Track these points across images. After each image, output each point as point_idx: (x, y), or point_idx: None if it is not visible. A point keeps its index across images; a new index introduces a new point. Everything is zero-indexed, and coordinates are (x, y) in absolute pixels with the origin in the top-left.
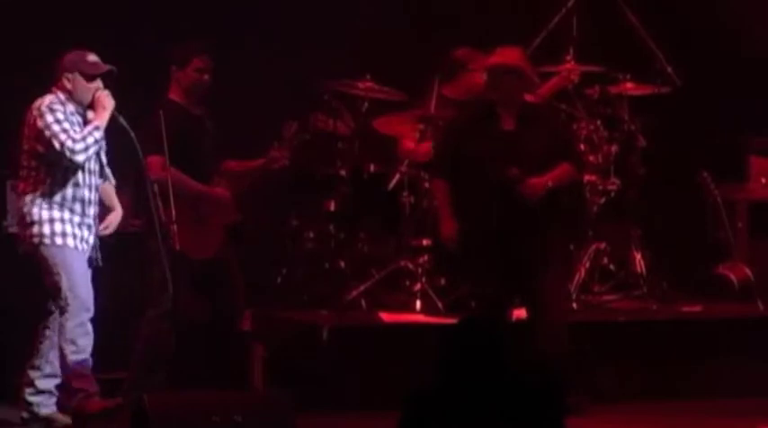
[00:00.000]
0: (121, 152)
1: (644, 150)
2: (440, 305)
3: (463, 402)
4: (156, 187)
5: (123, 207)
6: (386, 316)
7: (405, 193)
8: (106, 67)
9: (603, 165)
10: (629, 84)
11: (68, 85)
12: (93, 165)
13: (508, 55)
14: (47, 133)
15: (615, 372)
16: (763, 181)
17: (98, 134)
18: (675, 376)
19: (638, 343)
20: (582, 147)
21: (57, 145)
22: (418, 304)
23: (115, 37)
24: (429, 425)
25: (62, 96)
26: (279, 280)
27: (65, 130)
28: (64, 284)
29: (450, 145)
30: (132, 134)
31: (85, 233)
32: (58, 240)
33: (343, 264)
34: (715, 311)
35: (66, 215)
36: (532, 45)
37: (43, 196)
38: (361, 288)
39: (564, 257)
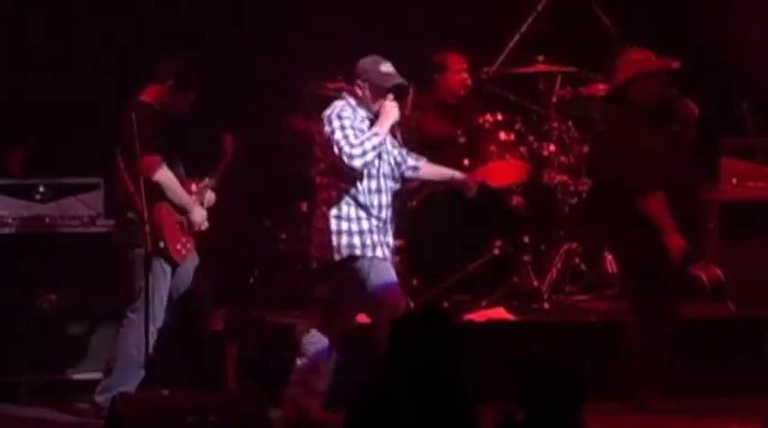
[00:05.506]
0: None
1: None
2: (412, 305)
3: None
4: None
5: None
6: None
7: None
8: (398, 80)
9: (575, 166)
10: (600, 85)
11: (359, 92)
12: (386, 169)
13: None
14: (331, 140)
15: (586, 372)
16: (734, 181)
17: (376, 140)
18: None
19: (609, 342)
20: (553, 147)
21: (336, 150)
22: None
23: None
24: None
25: (353, 102)
26: (252, 280)
27: (345, 136)
28: (379, 296)
29: None
30: (404, 149)
31: (385, 238)
32: (369, 252)
33: (315, 265)
34: (686, 312)
35: (374, 222)
36: (506, 47)
37: (349, 206)
38: None
39: None
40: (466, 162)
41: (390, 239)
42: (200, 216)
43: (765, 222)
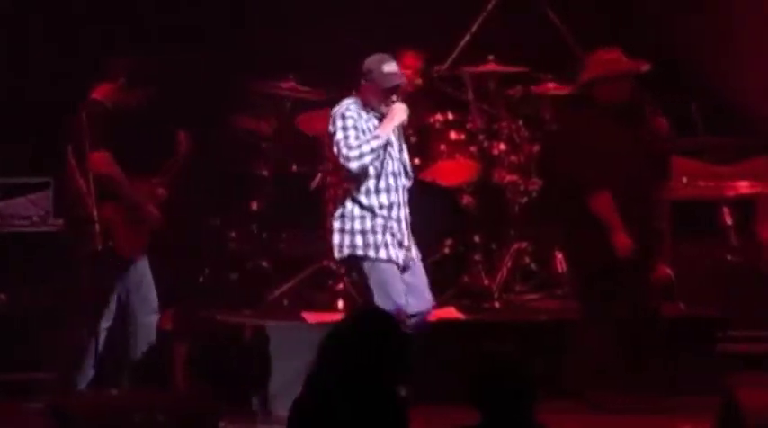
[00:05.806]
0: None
1: None
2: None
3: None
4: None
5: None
6: (308, 316)
7: (327, 193)
8: (400, 80)
9: (525, 165)
10: (551, 84)
11: (364, 91)
12: (396, 167)
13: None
14: (333, 140)
15: (537, 371)
16: (684, 180)
17: (375, 143)
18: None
19: (560, 341)
20: (503, 146)
21: (335, 151)
22: (340, 303)
23: None
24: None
25: (360, 101)
26: (201, 279)
27: (346, 137)
28: (376, 299)
29: None
30: (401, 155)
31: (394, 238)
32: (371, 253)
33: (265, 264)
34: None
35: (380, 222)
36: (457, 46)
37: (353, 205)
38: (284, 287)
39: None
40: (417, 161)
41: (405, 238)
42: (152, 214)
43: (715, 221)
